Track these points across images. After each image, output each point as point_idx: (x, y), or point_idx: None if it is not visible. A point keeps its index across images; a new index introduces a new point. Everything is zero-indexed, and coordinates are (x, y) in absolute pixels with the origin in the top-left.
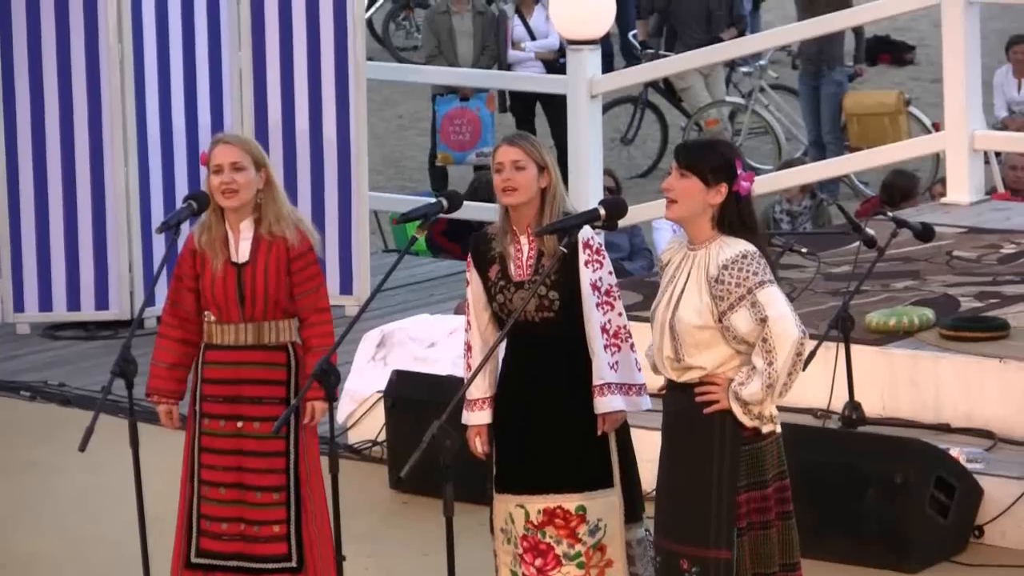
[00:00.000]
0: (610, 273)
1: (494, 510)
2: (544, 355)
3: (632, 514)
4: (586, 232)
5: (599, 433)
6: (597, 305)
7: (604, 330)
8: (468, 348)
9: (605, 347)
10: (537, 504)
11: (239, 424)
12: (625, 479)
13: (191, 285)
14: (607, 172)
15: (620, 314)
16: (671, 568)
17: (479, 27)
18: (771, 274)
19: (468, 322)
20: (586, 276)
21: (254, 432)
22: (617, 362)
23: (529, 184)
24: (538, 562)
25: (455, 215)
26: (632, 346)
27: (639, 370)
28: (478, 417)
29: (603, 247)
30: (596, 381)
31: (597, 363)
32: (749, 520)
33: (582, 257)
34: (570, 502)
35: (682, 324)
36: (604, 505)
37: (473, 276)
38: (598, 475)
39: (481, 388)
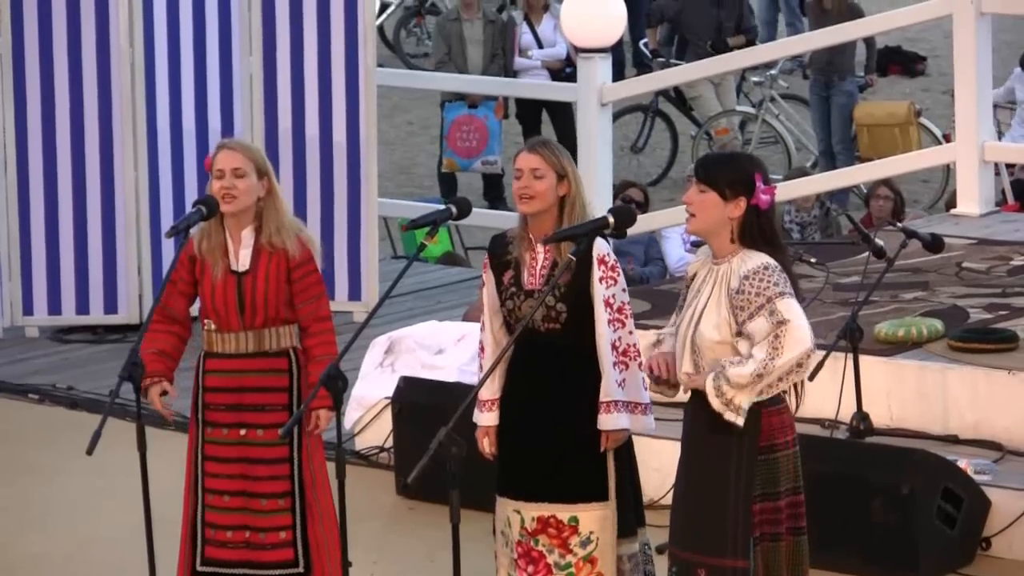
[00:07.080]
0: (623, 290)
1: (496, 512)
2: (547, 365)
3: (626, 528)
4: (602, 248)
5: (601, 449)
6: (609, 322)
7: (614, 347)
8: (482, 349)
9: (614, 364)
10: (532, 511)
11: (242, 432)
12: (622, 493)
13: (185, 290)
14: (636, 185)
15: (631, 332)
16: None
17: (489, 35)
18: (792, 288)
19: (483, 323)
20: (599, 292)
21: (258, 439)
22: (624, 380)
23: (546, 192)
24: (530, 569)
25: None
26: (640, 365)
27: (646, 389)
28: (486, 418)
29: (618, 263)
30: (603, 398)
31: (606, 380)
32: (761, 531)
33: (597, 273)
34: (563, 512)
35: (703, 339)
36: (597, 518)
37: (489, 277)
38: (593, 488)
39: (491, 390)
